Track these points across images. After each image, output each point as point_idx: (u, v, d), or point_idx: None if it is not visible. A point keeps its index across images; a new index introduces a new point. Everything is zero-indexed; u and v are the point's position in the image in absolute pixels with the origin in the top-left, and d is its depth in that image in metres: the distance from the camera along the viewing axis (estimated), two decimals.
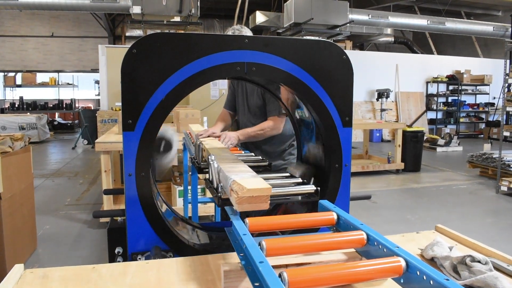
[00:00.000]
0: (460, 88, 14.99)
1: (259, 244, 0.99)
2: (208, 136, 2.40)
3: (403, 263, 0.86)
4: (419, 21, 12.90)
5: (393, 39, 17.39)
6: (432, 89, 14.85)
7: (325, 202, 1.30)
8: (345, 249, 1.11)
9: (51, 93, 18.46)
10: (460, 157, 10.23)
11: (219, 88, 8.98)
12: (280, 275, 0.81)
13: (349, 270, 0.87)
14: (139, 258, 1.50)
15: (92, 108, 17.38)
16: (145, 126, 1.47)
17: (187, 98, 8.35)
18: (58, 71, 17.96)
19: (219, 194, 1.29)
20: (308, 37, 9.91)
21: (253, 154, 2.10)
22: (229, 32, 2.58)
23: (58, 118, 17.72)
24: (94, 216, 1.91)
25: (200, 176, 3.20)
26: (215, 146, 2.07)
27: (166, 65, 1.46)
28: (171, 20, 8.91)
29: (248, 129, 2.55)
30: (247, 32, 2.56)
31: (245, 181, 1.16)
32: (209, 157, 1.43)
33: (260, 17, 11.61)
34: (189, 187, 3.18)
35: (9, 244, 3.30)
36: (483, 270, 1.11)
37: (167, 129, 1.90)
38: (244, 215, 1.19)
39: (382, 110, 13.14)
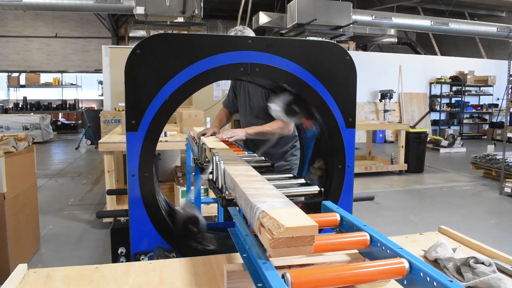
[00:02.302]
0: (463, 89, 14.95)
1: (262, 245, 0.98)
2: (211, 136, 2.39)
3: (406, 265, 0.86)
4: (423, 22, 12.87)
5: (396, 40, 17.36)
6: (436, 90, 14.82)
7: (328, 203, 1.30)
8: (348, 250, 1.10)
9: (55, 93, 18.53)
10: (464, 158, 10.20)
11: (222, 88, 9.01)
12: (283, 276, 0.81)
13: (352, 271, 0.87)
14: (142, 259, 1.50)
15: (96, 109, 17.43)
16: (148, 127, 1.47)
17: (190, 98, 8.37)
18: (61, 72, 18.01)
19: (223, 195, 1.29)
20: (311, 38, 9.91)
21: (255, 154, 2.10)
22: (232, 33, 2.57)
23: (61, 118, 17.78)
24: (97, 216, 1.92)
25: (203, 176, 3.21)
26: (219, 147, 2.06)
27: (170, 65, 1.47)
28: (175, 20, 8.94)
29: (259, 126, 2.53)
30: (250, 33, 2.56)
31: (279, 213, 0.87)
32: (214, 157, 1.42)
33: (263, 18, 11.62)
34: (192, 188, 3.19)
35: (12, 243, 3.31)
36: (486, 271, 1.10)
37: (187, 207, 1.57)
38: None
39: (385, 111, 13.12)
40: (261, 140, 2.67)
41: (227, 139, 2.22)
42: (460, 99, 15.07)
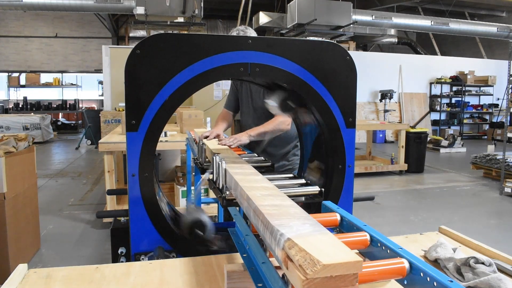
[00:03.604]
0: (463, 89, 14.95)
1: (262, 245, 0.98)
2: (214, 138, 2.34)
3: (406, 265, 0.86)
4: (423, 22, 12.87)
5: (396, 40, 17.36)
6: (436, 90, 14.82)
7: (328, 203, 1.30)
8: None
9: (55, 93, 18.55)
10: (464, 158, 10.20)
11: (222, 88, 9.00)
12: (283, 276, 0.81)
13: None
14: (142, 259, 1.50)
15: (96, 109, 17.44)
16: (148, 127, 1.47)
17: (190, 98, 8.37)
18: (61, 72, 18.02)
19: (223, 195, 1.28)
20: (311, 38, 9.91)
21: (255, 154, 2.10)
22: (234, 33, 2.57)
23: (61, 119, 17.79)
24: (98, 216, 1.92)
25: (203, 176, 3.21)
26: (219, 147, 2.06)
27: (170, 65, 1.47)
28: (175, 20, 8.94)
29: (259, 126, 2.50)
30: (252, 33, 2.55)
31: (310, 243, 0.70)
32: (214, 157, 1.42)
33: (263, 18, 11.62)
34: (192, 188, 3.19)
35: (12, 244, 3.31)
36: (486, 271, 1.10)
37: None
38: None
39: (386, 111, 13.12)
40: (266, 143, 2.66)
41: (231, 146, 2.18)
42: (460, 99, 15.07)
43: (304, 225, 0.79)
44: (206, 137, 2.30)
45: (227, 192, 1.28)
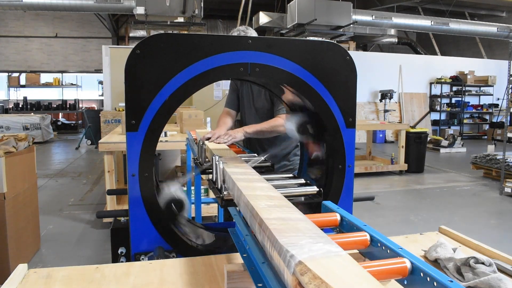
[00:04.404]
0: (463, 89, 14.95)
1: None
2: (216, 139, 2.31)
3: (406, 265, 0.86)
4: (423, 22, 12.88)
5: (396, 40, 17.36)
6: (436, 90, 14.82)
7: (328, 203, 1.29)
8: (348, 250, 1.10)
9: (55, 93, 18.55)
10: (464, 158, 10.19)
11: (222, 88, 9.01)
12: None
13: None
14: (142, 259, 1.50)
15: (96, 109, 17.44)
16: (148, 127, 1.47)
17: (191, 98, 8.37)
18: (61, 72, 18.02)
19: (222, 195, 1.28)
20: (311, 38, 9.91)
21: (255, 154, 2.09)
22: (234, 33, 2.56)
23: (61, 119, 17.79)
24: (98, 216, 1.92)
25: (203, 176, 3.21)
26: (219, 148, 2.06)
27: (170, 65, 1.46)
28: (175, 20, 8.94)
29: (257, 124, 2.49)
30: (253, 33, 2.55)
31: (326, 268, 0.60)
32: (214, 158, 1.42)
33: (263, 18, 11.62)
34: (192, 188, 3.19)
35: (12, 244, 3.31)
36: (486, 271, 1.10)
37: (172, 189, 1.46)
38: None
39: (386, 111, 13.12)
40: (267, 143, 2.66)
41: (225, 143, 2.17)
42: (460, 99, 15.07)
43: (317, 244, 0.68)
44: (208, 139, 2.28)
45: (225, 192, 1.27)
